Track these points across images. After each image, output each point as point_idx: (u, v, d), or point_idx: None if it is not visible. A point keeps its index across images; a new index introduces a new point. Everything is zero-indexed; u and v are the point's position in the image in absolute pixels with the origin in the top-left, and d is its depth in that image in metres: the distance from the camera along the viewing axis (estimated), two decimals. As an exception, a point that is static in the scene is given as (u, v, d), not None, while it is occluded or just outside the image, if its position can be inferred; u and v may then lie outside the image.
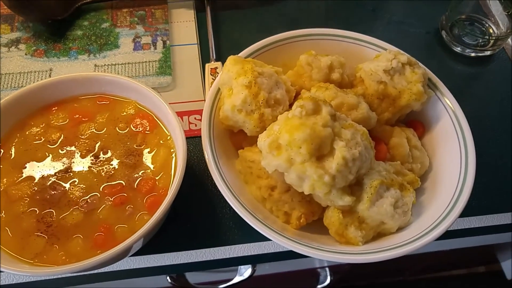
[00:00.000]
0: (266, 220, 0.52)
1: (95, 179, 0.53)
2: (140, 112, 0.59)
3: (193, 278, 0.80)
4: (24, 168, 0.53)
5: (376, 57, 0.63)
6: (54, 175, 0.53)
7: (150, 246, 0.57)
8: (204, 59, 0.77)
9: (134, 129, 0.57)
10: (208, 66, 0.74)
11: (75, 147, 0.55)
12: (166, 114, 0.55)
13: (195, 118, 0.70)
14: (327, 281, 0.98)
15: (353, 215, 0.51)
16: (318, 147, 0.47)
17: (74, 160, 0.54)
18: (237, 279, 0.78)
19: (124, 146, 0.56)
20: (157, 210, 0.48)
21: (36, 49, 0.76)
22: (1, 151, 0.54)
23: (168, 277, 0.74)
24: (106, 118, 0.58)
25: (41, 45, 0.77)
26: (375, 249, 0.50)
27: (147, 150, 0.56)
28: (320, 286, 0.99)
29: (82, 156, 0.55)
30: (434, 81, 0.63)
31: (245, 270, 0.77)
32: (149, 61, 0.75)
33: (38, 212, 0.50)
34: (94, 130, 0.57)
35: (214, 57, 0.76)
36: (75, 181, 0.53)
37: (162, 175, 0.53)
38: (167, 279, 0.75)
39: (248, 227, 0.50)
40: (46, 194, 0.51)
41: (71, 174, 0.53)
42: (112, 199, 0.51)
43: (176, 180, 0.49)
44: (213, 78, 0.72)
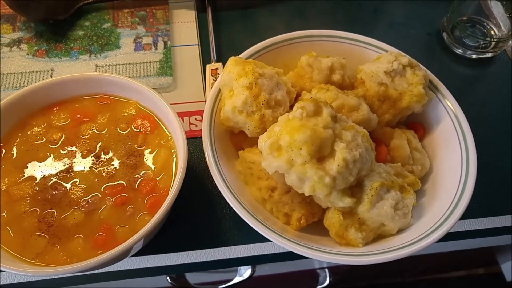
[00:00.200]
0: (266, 221, 0.52)
1: (96, 180, 0.53)
2: (141, 112, 0.59)
3: (193, 278, 0.80)
4: (26, 168, 0.53)
5: (377, 59, 0.63)
6: (55, 175, 0.53)
7: (151, 247, 0.57)
8: (205, 60, 0.77)
9: (135, 129, 0.57)
10: (209, 67, 0.74)
11: (76, 147, 0.55)
12: (167, 115, 0.56)
13: (195, 119, 0.70)
14: (327, 282, 0.98)
15: (353, 216, 0.51)
16: (318, 148, 0.47)
17: (75, 160, 0.54)
18: (237, 279, 0.78)
19: (125, 147, 0.56)
20: (158, 211, 0.48)
21: (37, 49, 0.76)
22: (3, 151, 0.54)
23: (168, 277, 0.74)
24: (107, 119, 0.58)
25: (42, 45, 0.77)
26: (375, 251, 0.50)
27: (148, 150, 0.56)
28: (320, 287, 0.99)
29: (83, 156, 0.55)
30: (435, 83, 0.63)
31: (245, 271, 0.77)
32: (150, 62, 0.75)
33: (39, 212, 0.50)
34: (95, 130, 0.57)
35: (215, 58, 0.76)
36: (76, 181, 0.53)
37: (163, 176, 0.53)
38: (167, 280, 0.75)
39: (248, 228, 0.50)
40: (47, 194, 0.51)
41: (72, 174, 0.53)
42: (113, 199, 0.52)
43: (177, 181, 0.49)
44: (214, 79, 0.72)
